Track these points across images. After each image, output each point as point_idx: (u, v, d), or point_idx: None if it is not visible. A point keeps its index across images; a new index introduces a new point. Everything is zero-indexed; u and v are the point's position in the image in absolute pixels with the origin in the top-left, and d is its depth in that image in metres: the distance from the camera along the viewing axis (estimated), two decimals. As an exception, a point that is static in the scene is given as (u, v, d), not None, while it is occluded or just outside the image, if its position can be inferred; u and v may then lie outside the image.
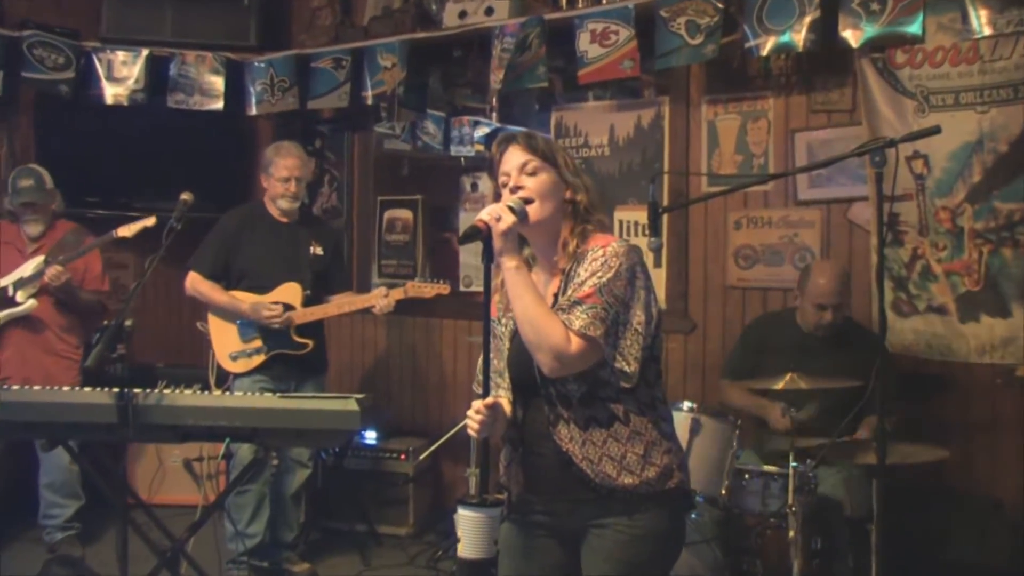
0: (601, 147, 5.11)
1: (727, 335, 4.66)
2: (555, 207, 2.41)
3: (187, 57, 5.29)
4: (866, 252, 4.32)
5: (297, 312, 4.45)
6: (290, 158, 4.51)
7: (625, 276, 2.33)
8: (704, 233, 4.77)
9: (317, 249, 4.57)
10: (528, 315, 2.29)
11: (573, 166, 2.46)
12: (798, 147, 4.51)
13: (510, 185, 2.40)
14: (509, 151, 2.44)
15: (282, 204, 4.53)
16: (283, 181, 4.50)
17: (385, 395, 5.70)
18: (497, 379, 2.50)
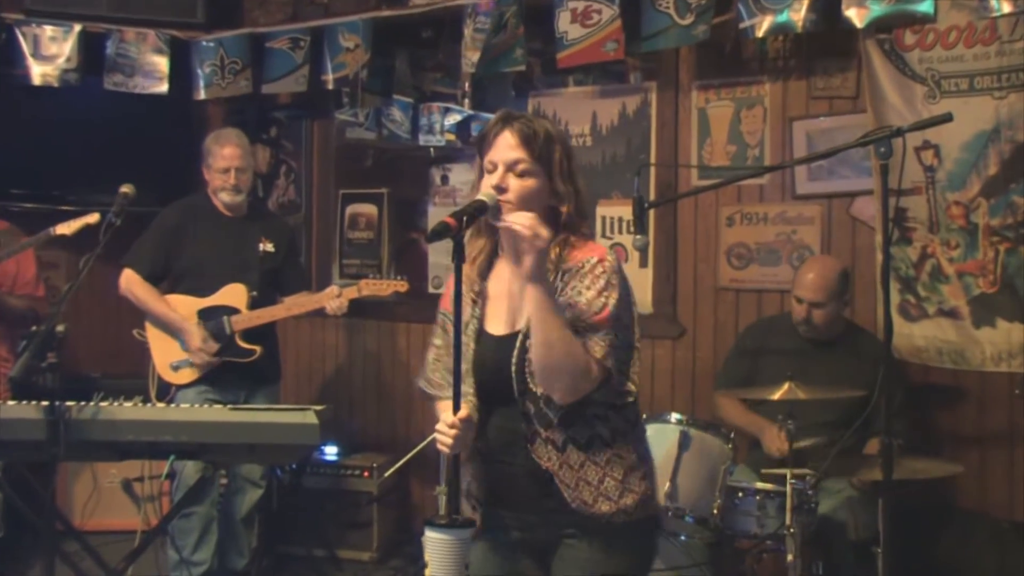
0: (583, 136, 5.10)
1: (719, 341, 4.66)
2: (534, 213, 2.38)
3: (126, 34, 5.25)
4: (870, 251, 4.31)
5: (242, 316, 4.43)
6: (229, 146, 4.50)
7: (625, 295, 2.38)
8: (694, 230, 4.77)
9: (267, 246, 4.56)
10: (552, 339, 2.28)
11: (568, 168, 2.45)
12: (796, 137, 4.51)
13: (494, 182, 2.38)
14: (504, 136, 2.41)
15: (224, 197, 4.51)
16: (222, 172, 4.48)
17: (346, 406, 5.67)
18: (444, 378, 2.51)
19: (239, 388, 4.46)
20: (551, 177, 2.42)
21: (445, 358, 2.53)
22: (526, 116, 2.46)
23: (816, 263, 4.12)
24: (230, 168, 4.46)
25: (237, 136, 4.57)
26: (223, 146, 4.49)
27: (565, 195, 2.43)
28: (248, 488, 4.58)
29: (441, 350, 2.57)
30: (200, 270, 4.46)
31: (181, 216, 4.53)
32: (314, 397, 5.69)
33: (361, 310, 5.25)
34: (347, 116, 5.65)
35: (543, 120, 2.47)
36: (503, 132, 2.42)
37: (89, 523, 5.05)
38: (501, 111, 2.49)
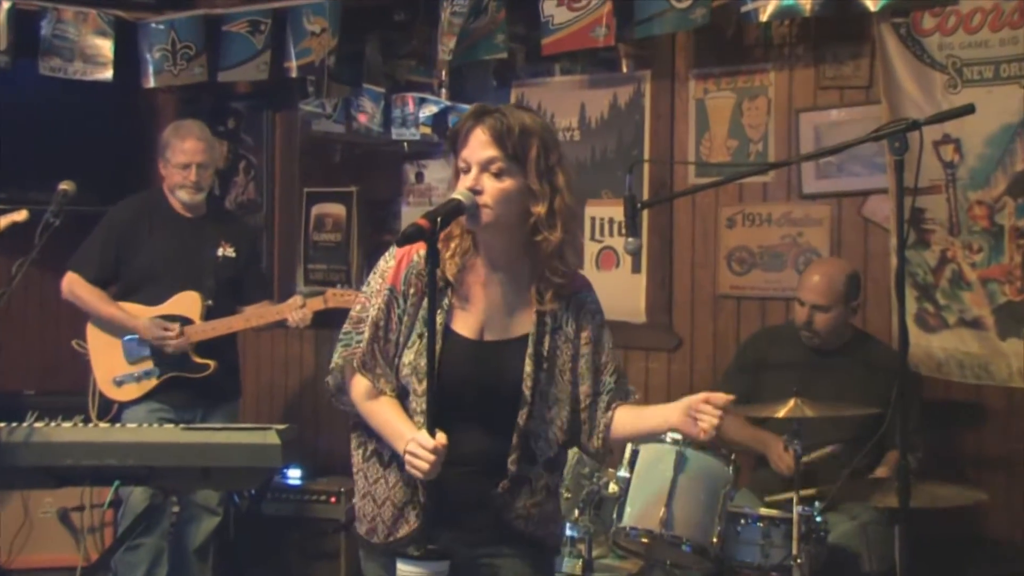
0: (570, 130, 5.10)
1: (719, 353, 4.67)
2: (514, 215, 2.45)
3: (64, 13, 5.23)
4: (884, 255, 4.32)
5: (195, 327, 4.41)
6: (190, 140, 4.47)
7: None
8: (691, 232, 4.78)
9: (227, 250, 4.55)
10: None
11: (546, 165, 2.46)
12: (803, 130, 4.51)
13: (468, 184, 2.42)
14: (476, 134, 2.44)
15: (182, 196, 4.49)
16: (181, 168, 4.45)
17: (312, 425, 5.64)
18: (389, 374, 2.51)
19: (194, 406, 4.44)
20: (527, 175, 2.43)
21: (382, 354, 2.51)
22: (501, 110, 2.46)
23: (822, 264, 4.18)
24: (191, 164, 4.43)
25: (199, 129, 4.55)
26: (183, 139, 4.46)
27: (539, 195, 2.44)
28: (203, 516, 4.55)
29: (380, 332, 2.52)
30: (152, 276, 4.44)
31: (133, 214, 4.51)
32: (276, 415, 5.69)
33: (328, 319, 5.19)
34: (312, 107, 5.65)
35: (521, 112, 2.49)
36: (475, 129, 2.44)
37: (18, 560, 5.00)
38: (475, 105, 2.51)
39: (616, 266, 4.82)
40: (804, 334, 4.04)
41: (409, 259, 2.51)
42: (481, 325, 2.52)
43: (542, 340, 2.50)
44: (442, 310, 2.48)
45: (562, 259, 2.49)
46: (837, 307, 3.99)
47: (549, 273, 2.49)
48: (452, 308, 2.51)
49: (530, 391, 2.46)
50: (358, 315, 2.56)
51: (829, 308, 3.98)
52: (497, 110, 2.46)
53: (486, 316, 2.52)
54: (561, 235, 2.46)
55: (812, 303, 3.98)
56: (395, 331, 2.52)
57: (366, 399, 2.55)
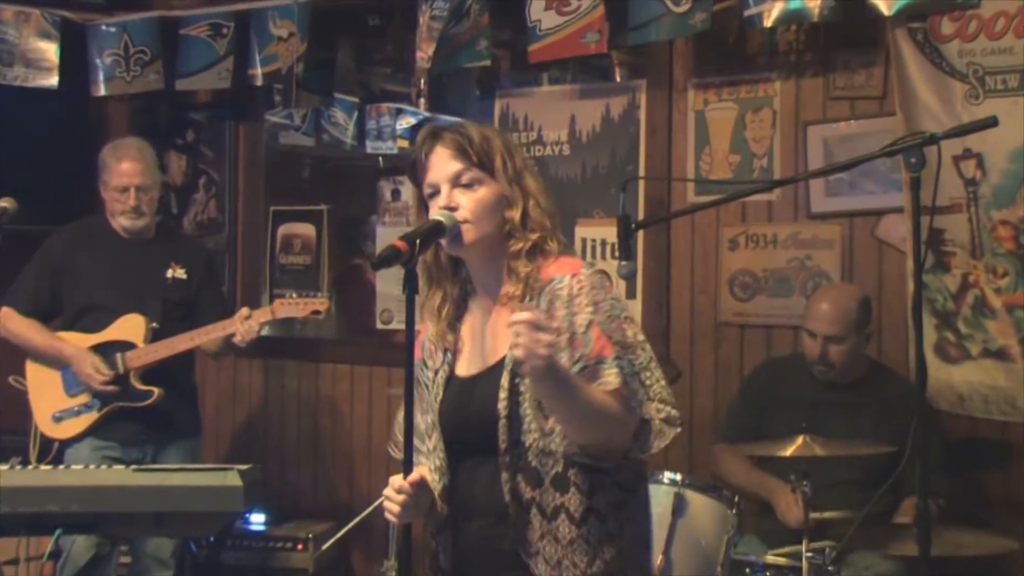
0: (559, 144, 5.10)
1: (721, 386, 4.68)
2: (495, 226, 2.48)
3: (3, 13, 5.22)
4: (900, 279, 4.32)
5: (136, 352, 4.39)
6: (127, 161, 4.46)
7: (612, 312, 2.42)
8: (691, 255, 4.79)
9: (177, 271, 4.55)
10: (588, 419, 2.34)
11: (513, 168, 2.51)
12: (812, 144, 4.52)
13: (440, 203, 2.45)
14: (436, 153, 2.49)
15: (122, 222, 4.49)
16: (119, 192, 4.45)
17: (276, 465, 5.65)
18: (417, 443, 2.54)
19: (143, 443, 4.42)
20: (497, 180, 2.48)
21: (417, 415, 2.57)
22: (453, 126, 2.53)
23: (831, 290, 4.17)
24: (129, 187, 4.43)
25: (138, 148, 4.54)
26: (120, 160, 4.45)
27: (512, 198, 2.48)
28: (154, 568, 4.49)
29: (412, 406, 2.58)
30: (94, 303, 4.43)
31: (69, 243, 4.52)
32: (236, 454, 5.65)
33: (295, 350, 5.24)
34: (279, 118, 5.65)
35: (476, 124, 2.56)
36: (435, 149, 2.49)
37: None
38: (425, 128, 2.57)
39: (609, 292, 4.80)
40: (818, 368, 4.03)
41: (425, 330, 2.60)
42: (479, 357, 2.55)
43: None
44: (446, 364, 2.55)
45: (531, 256, 2.48)
46: (851, 336, 3.99)
47: (519, 268, 2.47)
48: (456, 355, 2.57)
49: (505, 404, 2.42)
50: None
51: (844, 338, 3.97)
52: (450, 126, 2.53)
53: (479, 350, 2.55)
54: (538, 235, 2.48)
55: (825, 334, 3.98)
56: (424, 400, 2.60)
57: None
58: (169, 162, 5.86)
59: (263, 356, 5.50)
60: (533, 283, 2.45)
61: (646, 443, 2.40)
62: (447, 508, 2.50)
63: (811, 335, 4.01)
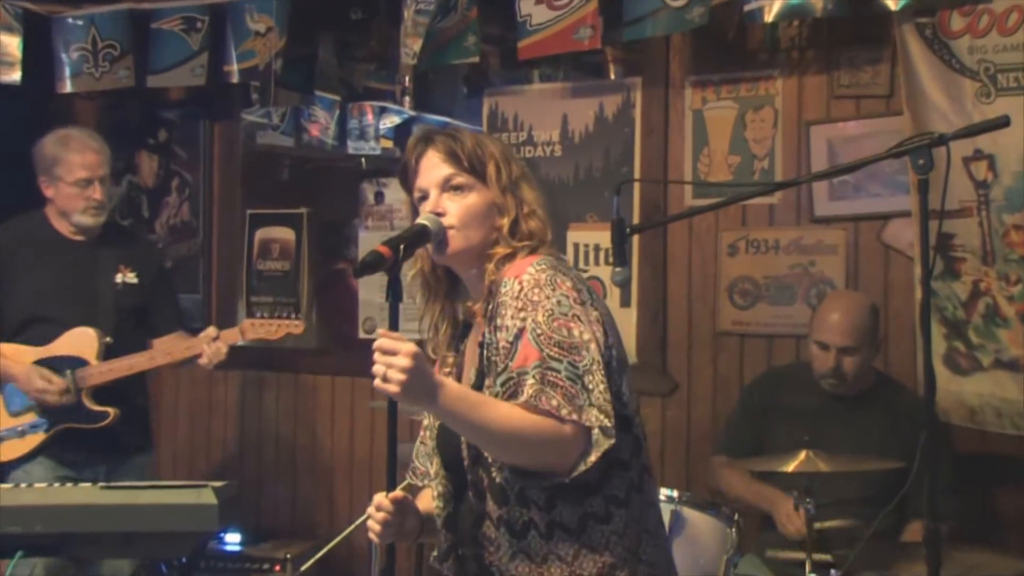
0: (550, 145, 5.10)
1: (719, 398, 4.68)
2: (484, 236, 2.50)
3: (-39, 5, 5.19)
4: (908, 287, 4.33)
5: (90, 370, 4.29)
6: (88, 153, 4.35)
7: (556, 311, 2.33)
8: (688, 261, 4.80)
9: (128, 275, 4.45)
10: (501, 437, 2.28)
11: (508, 176, 2.53)
12: (815, 145, 4.53)
13: (428, 208, 2.48)
14: (427, 157, 2.52)
15: (83, 220, 4.36)
16: (81, 187, 4.31)
17: (253, 482, 5.64)
18: (425, 463, 2.64)
19: (94, 463, 4.31)
20: (489, 187, 2.50)
21: (421, 440, 2.67)
22: (446, 130, 2.58)
23: (840, 299, 4.16)
24: (92, 179, 4.32)
25: (92, 137, 4.45)
26: (81, 152, 4.34)
27: (503, 207, 2.50)
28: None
29: (425, 433, 2.67)
30: (38, 313, 4.30)
31: (5, 245, 4.37)
32: (211, 471, 5.65)
33: (273, 361, 5.21)
34: (257, 117, 5.65)
35: (465, 131, 2.60)
36: (426, 153, 2.52)
37: None
38: (417, 130, 2.65)
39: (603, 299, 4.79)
40: (830, 382, 4.02)
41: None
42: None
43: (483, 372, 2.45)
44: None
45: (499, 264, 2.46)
46: (864, 347, 4.00)
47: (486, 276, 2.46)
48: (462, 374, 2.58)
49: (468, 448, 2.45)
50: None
51: (857, 350, 3.97)
52: (444, 130, 2.57)
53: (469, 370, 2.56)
54: (520, 247, 2.47)
55: (839, 346, 3.97)
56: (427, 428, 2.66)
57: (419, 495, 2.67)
58: (140, 163, 5.85)
59: (239, 367, 5.49)
60: (495, 291, 2.42)
61: (586, 456, 2.28)
62: (450, 536, 2.52)
63: (822, 347, 4.00)
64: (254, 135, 5.77)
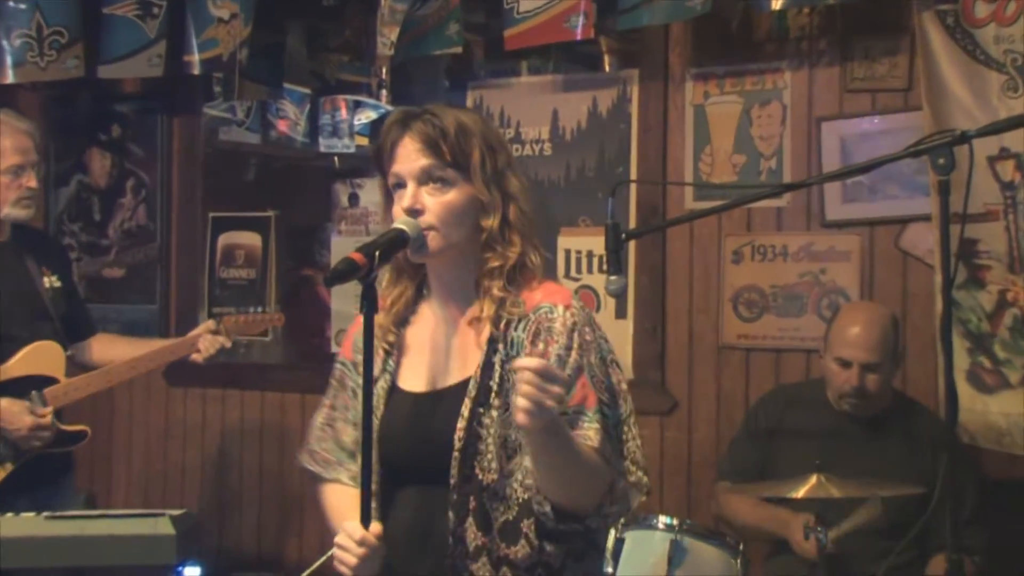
0: (539, 143, 5.11)
1: (723, 418, 4.69)
2: (466, 233, 2.51)
3: None
4: (928, 297, 4.34)
5: (62, 388, 4.22)
6: (20, 136, 4.23)
7: (601, 354, 2.48)
8: (689, 269, 4.80)
9: (52, 280, 4.37)
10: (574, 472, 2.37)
11: (493, 168, 2.53)
12: (827, 143, 4.53)
13: (405, 204, 2.47)
14: (403, 145, 2.49)
15: (15, 212, 4.23)
16: (14, 173, 4.19)
17: (214, 510, 5.64)
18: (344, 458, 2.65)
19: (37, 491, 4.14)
20: (474, 181, 2.50)
21: (340, 424, 2.66)
22: (429, 110, 2.52)
23: (859, 311, 4.14)
24: (25, 165, 4.21)
25: (20, 118, 4.34)
26: (12, 135, 4.20)
27: (489, 205, 2.50)
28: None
29: (336, 413, 2.68)
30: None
31: None
32: (168, 498, 5.63)
33: (237, 377, 5.20)
34: (220, 112, 5.64)
35: (455, 110, 2.55)
36: (403, 138, 2.50)
37: None
38: (396, 111, 2.59)
39: (596, 310, 4.81)
40: (851, 402, 4.00)
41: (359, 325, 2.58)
42: (433, 374, 2.57)
43: (491, 373, 2.49)
44: (387, 372, 2.57)
45: (511, 276, 2.51)
46: (887, 363, 3.99)
47: (493, 288, 2.50)
48: (399, 362, 2.59)
49: (462, 433, 2.44)
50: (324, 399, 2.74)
51: (881, 365, 3.96)
52: (425, 111, 2.51)
53: (437, 362, 2.58)
54: (518, 251, 2.50)
55: (864, 362, 3.94)
56: (351, 408, 2.64)
57: (320, 489, 2.71)
58: (91, 161, 5.84)
59: (199, 384, 5.48)
60: (510, 307, 2.48)
61: (611, 505, 2.44)
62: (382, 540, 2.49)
63: (843, 364, 3.97)
64: (217, 131, 5.78)
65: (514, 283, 2.50)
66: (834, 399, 4.05)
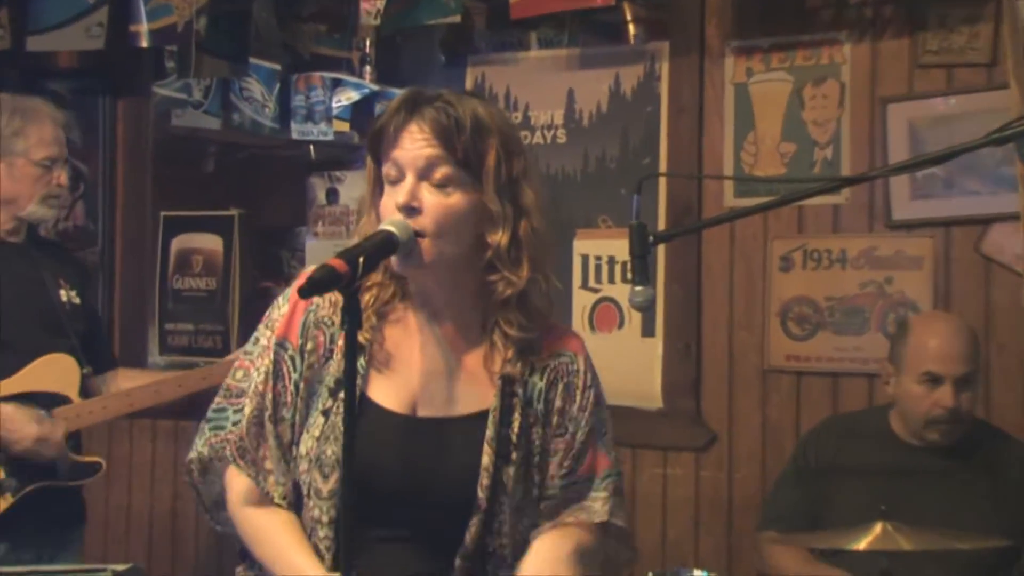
0: (552, 129, 5.14)
1: (769, 454, 4.70)
2: (464, 248, 2.53)
3: None
4: (1015, 310, 4.33)
5: (74, 410, 4.26)
6: (48, 125, 4.35)
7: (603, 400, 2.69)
8: (729, 278, 4.82)
9: (70, 294, 4.45)
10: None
11: (508, 175, 2.54)
12: (893, 129, 4.54)
13: (400, 200, 2.47)
14: (410, 131, 2.50)
15: (39, 212, 4.35)
16: (45, 167, 4.31)
17: (164, 563, 5.68)
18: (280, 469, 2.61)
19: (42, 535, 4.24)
20: (485, 186, 2.51)
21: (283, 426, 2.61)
22: (444, 96, 2.53)
23: (937, 320, 4.15)
24: (59, 160, 4.34)
25: (56, 108, 4.47)
26: (40, 123, 4.34)
27: (499, 218, 2.52)
28: None
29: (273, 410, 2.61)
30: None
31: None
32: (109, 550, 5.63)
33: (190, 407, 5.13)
34: (173, 92, 5.63)
35: (473, 100, 2.57)
36: (408, 125, 2.49)
37: None
38: (406, 91, 2.58)
39: (619, 326, 4.84)
40: (941, 428, 3.97)
41: (309, 304, 2.61)
42: (413, 397, 2.59)
43: (508, 419, 2.53)
44: (359, 376, 2.56)
45: (524, 307, 2.55)
46: (978, 377, 3.99)
47: (504, 324, 2.54)
48: (367, 370, 2.59)
49: (486, 492, 2.47)
50: (238, 384, 2.66)
51: (974, 378, 3.96)
52: (439, 97, 2.52)
53: (421, 384, 2.59)
54: (527, 275, 2.53)
55: (958, 375, 3.92)
56: (290, 405, 2.60)
57: (245, 507, 2.61)
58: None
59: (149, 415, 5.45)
60: (528, 351, 2.58)
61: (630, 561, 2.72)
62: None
63: (931, 382, 3.94)
64: (169, 115, 5.80)
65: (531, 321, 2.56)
66: (914, 429, 4.01)
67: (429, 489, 2.51)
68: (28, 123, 4.35)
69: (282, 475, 2.59)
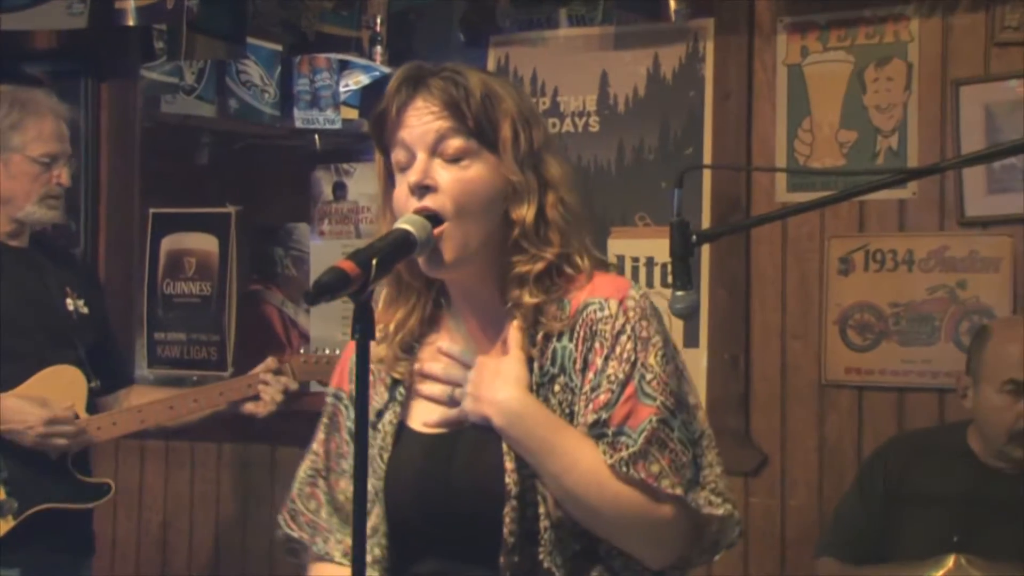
0: (584, 116, 5.15)
1: (827, 479, 4.72)
2: (492, 227, 2.50)
3: None
4: None
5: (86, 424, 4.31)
6: (59, 121, 4.42)
7: (669, 353, 2.51)
8: (781, 282, 4.85)
9: (78, 303, 4.51)
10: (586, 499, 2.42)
11: (527, 144, 2.53)
12: (968, 115, 4.54)
13: (412, 179, 2.46)
14: (415, 108, 2.48)
15: (38, 213, 4.39)
16: (44, 165, 4.36)
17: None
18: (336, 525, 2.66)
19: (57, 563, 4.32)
20: (503, 155, 2.49)
21: (334, 477, 2.68)
22: (448, 67, 2.52)
23: (1020, 326, 4.14)
24: (60, 156, 4.39)
25: (58, 101, 4.51)
26: (39, 116, 4.39)
27: (522, 189, 2.49)
28: None
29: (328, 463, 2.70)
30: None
31: None
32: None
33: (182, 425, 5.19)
34: (163, 75, 5.63)
35: (480, 72, 2.57)
36: (414, 99, 2.48)
37: None
38: (405, 67, 2.55)
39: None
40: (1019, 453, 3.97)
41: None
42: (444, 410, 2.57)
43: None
44: (397, 403, 2.58)
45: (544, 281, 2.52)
46: None
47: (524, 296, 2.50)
48: (409, 400, 2.59)
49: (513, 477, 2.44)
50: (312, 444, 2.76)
51: None
52: (443, 68, 2.51)
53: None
54: (556, 251, 2.51)
55: None
56: (347, 455, 2.64)
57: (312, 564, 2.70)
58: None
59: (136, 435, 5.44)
60: (552, 320, 2.48)
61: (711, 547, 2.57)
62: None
63: (1015, 391, 3.93)
64: (159, 101, 5.80)
65: (549, 292, 2.50)
66: (996, 445, 3.99)
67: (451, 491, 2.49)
68: (27, 116, 4.40)
69: (339, 531, 2.63)
